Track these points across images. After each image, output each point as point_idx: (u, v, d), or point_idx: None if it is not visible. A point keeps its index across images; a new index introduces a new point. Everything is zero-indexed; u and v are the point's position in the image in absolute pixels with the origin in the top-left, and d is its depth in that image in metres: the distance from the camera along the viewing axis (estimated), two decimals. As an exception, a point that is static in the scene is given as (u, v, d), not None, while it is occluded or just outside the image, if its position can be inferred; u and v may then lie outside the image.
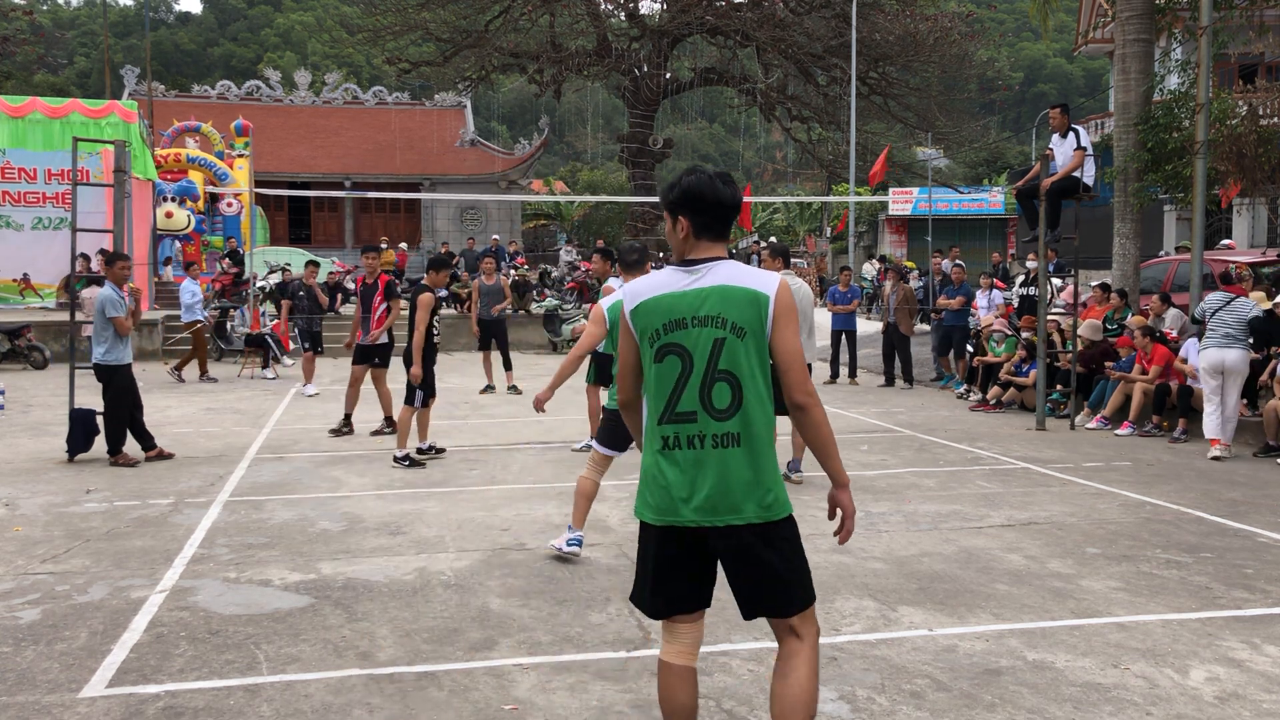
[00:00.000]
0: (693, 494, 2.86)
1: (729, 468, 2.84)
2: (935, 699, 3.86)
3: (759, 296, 2.85)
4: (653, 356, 2.92)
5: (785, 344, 2.86)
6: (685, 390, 2.87)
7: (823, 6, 29.54)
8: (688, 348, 2.86)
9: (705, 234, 2.95)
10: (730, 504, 2.84)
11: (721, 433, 2.84)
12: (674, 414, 2.88)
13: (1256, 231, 23.56)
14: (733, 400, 2.84)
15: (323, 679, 4.07)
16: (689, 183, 2.93)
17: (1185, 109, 12.46)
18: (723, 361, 2.83)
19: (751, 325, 2.84)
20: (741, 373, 2.83)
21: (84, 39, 72.88)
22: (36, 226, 21.65)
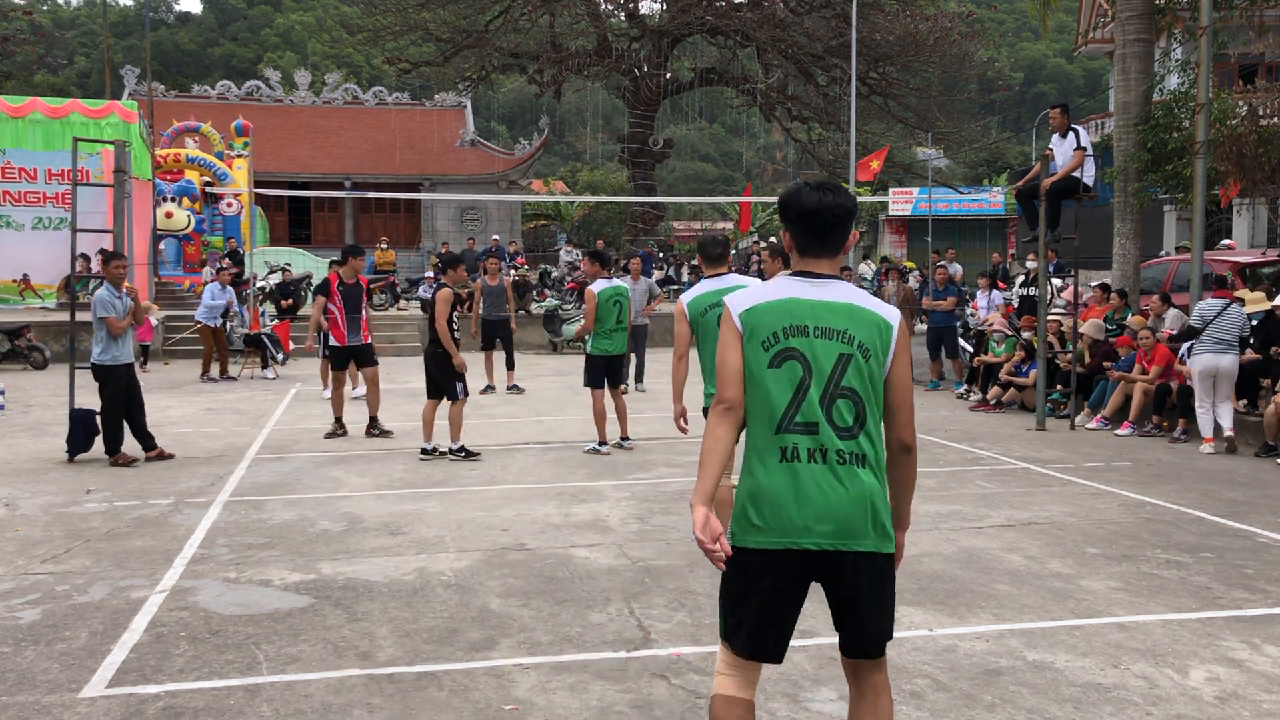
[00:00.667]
0: (822, 514, 2.61)
1: (859, 488, 2.62)
2: (935, 699, 3.86)
3: (883, 323, 2.73)
4: (767, 361, 2.70)
5: (903, 380, 2.75)
6: (805, 400, 2.66)
7: (823, 6, 29.52)
8: (808, 356, 2.67)
9: (812, 248, 2.80)
10: (857, 529, 2.62)
11: (849, 451, 2.63)
12: (793, 424, 2.65)
13: (1256, 231, 23.56)
14: (856, 419, 2.65)
15: (323, 679, 4.07)
16: (789, 194, 2.82)
17: (1185, 109, 12.47)
18: (846, 379, 2.66)
19: (876, 350, 2.69)
20: (864, 394, 2.67)
21: (84, 39, 72.87)
22: (37, 226, 21.64)
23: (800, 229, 2.80)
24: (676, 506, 7.11)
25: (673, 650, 4.36)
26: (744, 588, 2.68)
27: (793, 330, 2.69)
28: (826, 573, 2.65)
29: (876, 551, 2.65)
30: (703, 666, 4.18)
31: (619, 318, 9.38)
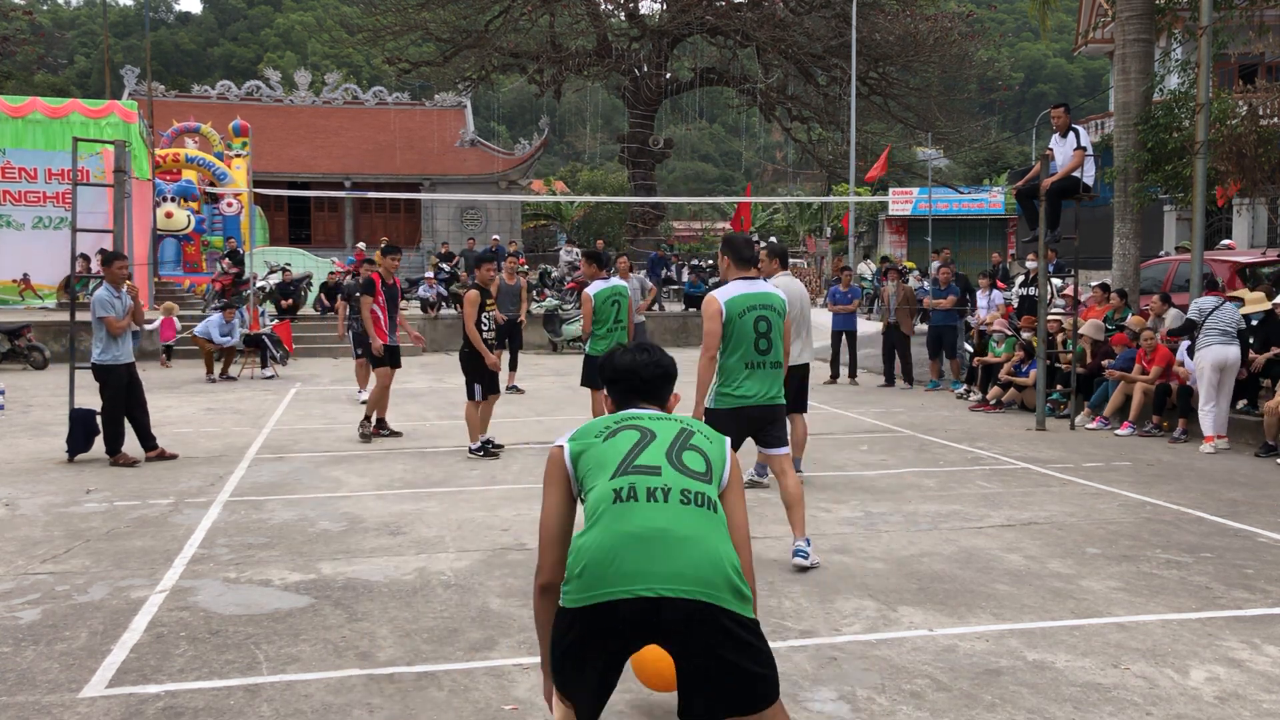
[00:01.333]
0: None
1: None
2: (935, 699, 3.86)
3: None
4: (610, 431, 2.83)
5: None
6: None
7: (823, 6, 29.53)
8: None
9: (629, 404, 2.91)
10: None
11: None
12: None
13: (1256, 231, 23.57)
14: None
15: (323, 679, 4.07)
16: (604, 359, 3.00)
17: (1185, 109, 12.47)
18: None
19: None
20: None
21: (84, 39, 72.88)
22: (37, 226, 21.67)
23: (618, 390, 2.93)
24: (676, 506, 7.10)
25: (673, 650, 4.35)
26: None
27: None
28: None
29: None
30: (703, 666, 4.18)
31: (618, 317, 9.37)
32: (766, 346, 5.51)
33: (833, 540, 6.19)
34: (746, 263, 5.65)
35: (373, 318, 9.90)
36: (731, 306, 5.50)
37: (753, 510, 6.96)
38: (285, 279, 21.32)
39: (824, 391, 13.99)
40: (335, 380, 15.50)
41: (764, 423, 5.62)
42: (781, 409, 5.67)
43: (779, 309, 5.57)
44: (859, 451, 9.41)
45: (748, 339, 5.50)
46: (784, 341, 5.68)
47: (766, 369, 5.54)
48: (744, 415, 5.54)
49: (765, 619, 4.72)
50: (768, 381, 5.55)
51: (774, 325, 5.53)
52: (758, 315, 5.49)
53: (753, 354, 5.50)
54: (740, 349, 5.50)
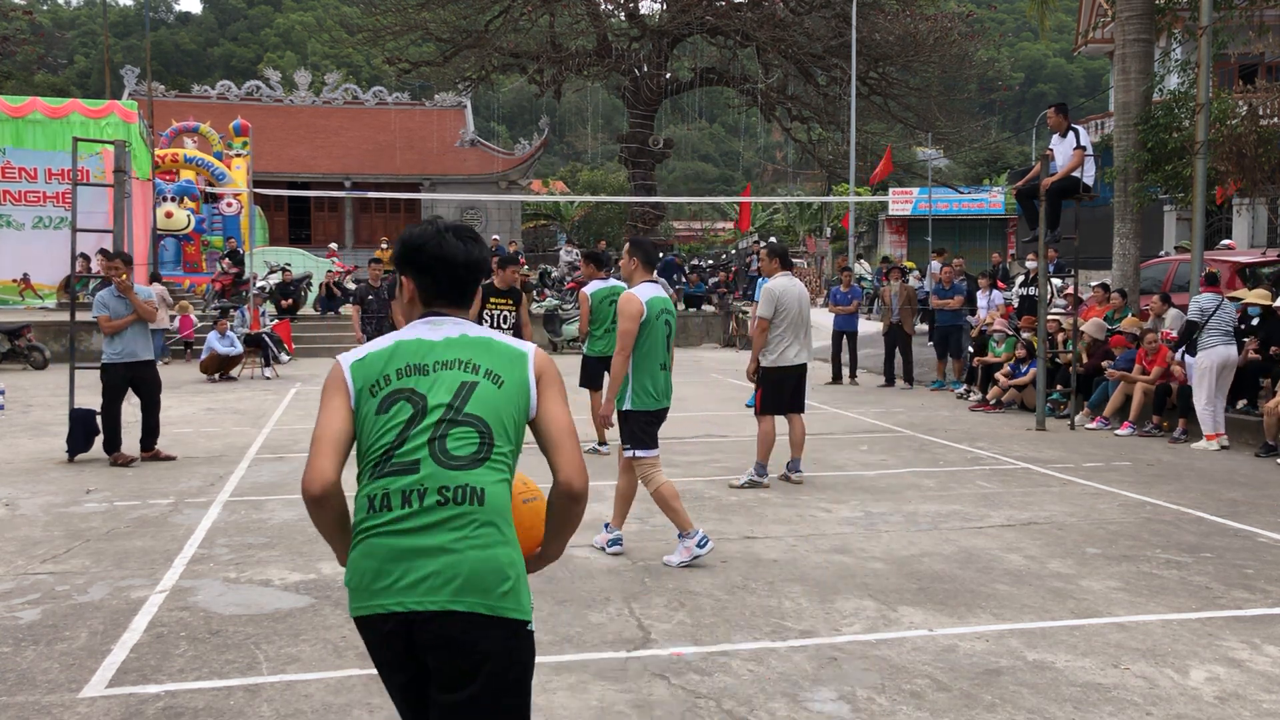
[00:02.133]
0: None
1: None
2: (935, 699, 3.86)
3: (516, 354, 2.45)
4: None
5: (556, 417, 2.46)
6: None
7: (823, 6, 29.52)
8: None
9: (440, 301, 2.47)
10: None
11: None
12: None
13: (1256, 231, 23.56)
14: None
15: (323, 679, 4.06)
16: (417, 237, 2.46)
17: (1185, 109, 12.47)
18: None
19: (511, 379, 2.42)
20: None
21: (84, 39, 72.88)
22: (37, 226, 21.67)
23: (424, 284, 2.47)
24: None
25: (673, 650, 4.36)
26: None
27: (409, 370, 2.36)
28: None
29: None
30: (703, 666, 4.18)
31: (614, 318, 9.38)
32: (669, 348, 5.74)
33: (833, 540, 6.19)
34: (653, 265, 5.86)
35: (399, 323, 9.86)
36: (650, 308, 5.63)
37: (752, 510, 6.96)
38: (285, 279, 21.33)
39: (824, 391, 13.99)
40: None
41: (660, 423, 5.84)
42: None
43: (674, 312, 5.85)
44: (859, 451, 9.41)
45: (660, 340, 5.65)
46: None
47: (669, 370, 5.77)
48: (660, 416, 5.74)
49: (765, 619, 4.73)
50: (670, 383, 5.80)
51: (673, 329, 5.79)
52: (666, 318, 5.71)
53: (664, 355, 5.69)
54: (655, 350, 5.64)
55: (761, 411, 7.86)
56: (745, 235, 36.15)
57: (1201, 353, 9.55)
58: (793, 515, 6.85)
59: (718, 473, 8.32)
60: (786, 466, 8.00)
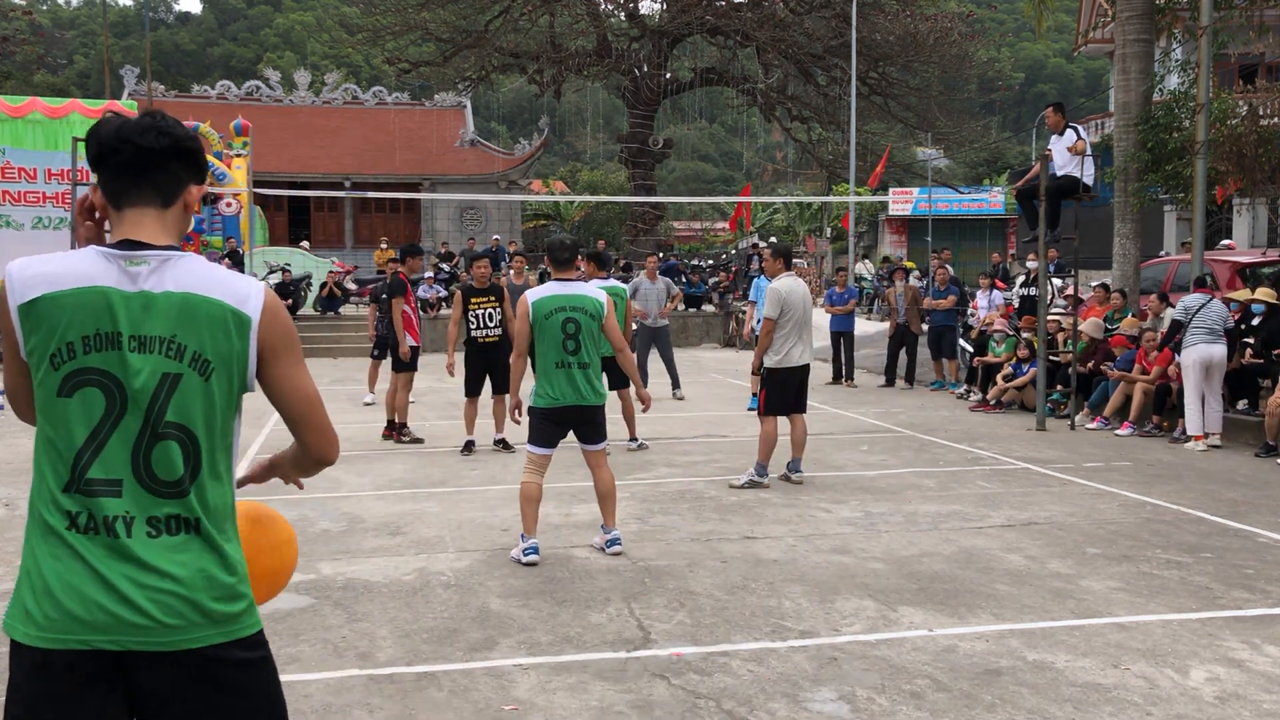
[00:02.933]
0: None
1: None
2: (935, 699, 3.86)
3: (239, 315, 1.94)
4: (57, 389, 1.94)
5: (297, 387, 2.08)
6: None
7: (823, 6, 29.50)
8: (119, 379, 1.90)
9: (129, 195, 1.94)
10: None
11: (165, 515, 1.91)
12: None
13: (1256, 231, 23.57)
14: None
15: (323, 679, 4.06)
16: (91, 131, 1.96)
17: (1185, 109, 12.47)
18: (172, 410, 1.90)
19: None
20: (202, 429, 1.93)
21: (84, 39, 72.89)
22: (37, 226, 21.61)
23: (106, 178, 1.94)
24: (676, 507, 7.11)
25: (673, 650, 4.36)
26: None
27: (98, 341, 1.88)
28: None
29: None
30: (703, 667, 4.18)
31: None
32: (575, 347, 5.67)
33: (833, 540, 6.19)
34: (562, 265, 5.88)
35: (405, 319, 9.86)
36: (538, 307, 5.68)
37: (752, 510, 6.97)
38: (285, 279, 21.32)
39: (824, 391, 13.99)
40: (335, 380, 15.50)
41: (578, 421, 5.79)
42: (597, 408, 5.80)
43: (592, 311, 5.71)
44: (859, 451, 9.41)
45: (556, 339, 5.65)
46: (614, 340, 5.92)
47: (575, 369, 5.67)
48: (558, 414, 5.72)
49: (765, 619, 4.73)
50: (578, 381, 5.68)
51: (583, 326, 5.68)
52: (566, 316, 5.65)
53: (561, 354, 5.65)
54: (550, 349, 5.66)
55: (765, 412, 7.87)
56: (745, 235, 36.16)
57: (1184, 351, 9.58)
58: (793, 515, 6.85)
59: (718, 473, 8.32)
60: (787, 466, 8.00)
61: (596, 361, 5.78)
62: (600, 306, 5.75)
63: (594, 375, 5.76)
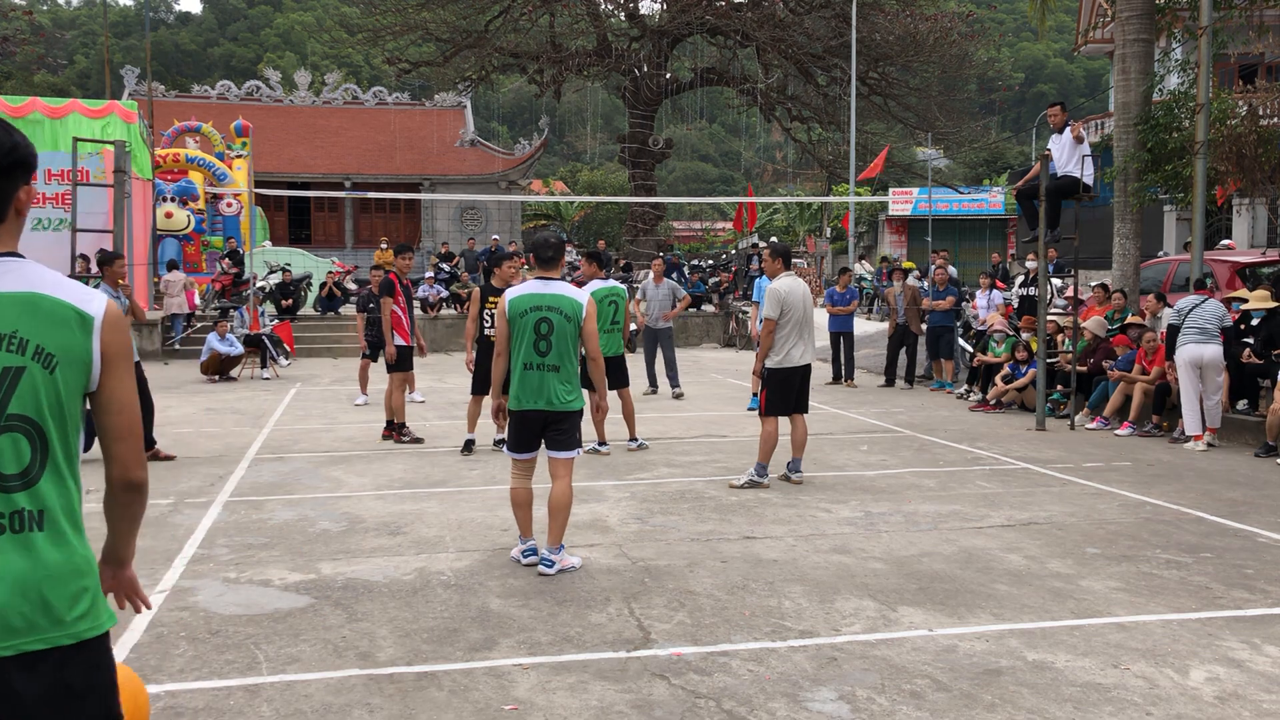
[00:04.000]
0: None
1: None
2: (935, 699, 3.86)
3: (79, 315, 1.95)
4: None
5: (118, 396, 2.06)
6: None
7: (823, 6, 29.51)
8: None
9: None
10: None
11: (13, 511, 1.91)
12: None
13: (1256, 231, 23.57)
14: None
15: (323, 679, 4.07)
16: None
17: (1185, 109, 12.47)
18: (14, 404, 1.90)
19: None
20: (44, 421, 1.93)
21: (84, 39, 72.90)
22: (36, 228, 21.56)
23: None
24: (676, 506, 7.11)
25: (673, 650, 4.36)
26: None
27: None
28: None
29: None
30: (703, 666, 4.18)
31: (614, 318, 9.39)
32: (546, 349, 5.43)
33: (833, 540, 6.19)
34: (544, 264, 5.64)
35: (394, 319, 9.84)
36: (514, 305, 5.49)
37: (752, 510, 6.97)
38: (285, 279, 21.33)
39: (824, 391, 13.99)
40: (335, 380, 15.51)
41: (546, 425, 5.55)
42: (566, 414, 5.51)
43: (568, 312, 5.45)
44: (859, 451, 9.41)
45: (528, 339, 5.45)
46: (590, 346, 5.60)
47: (544, 371, 5.44)
48: (526, 418, 5.54)
49: (765, 619, 4.73)
50: (546, 384, 5.45)
51: (557, 327, 5.43)
52: (540, 316, 5.43)
53: (532, 354, 5.44)
54: (521, 349, 5.47)
55: (766, 413, 7.86)
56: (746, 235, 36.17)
57: (1176, 351, 9.62)
58: (793, 515, 6.85)
59: (718, 473, 8.32)
60: (787, 466, 8.00)
61: (571, 366, 5.49)
62: (579, 309, 5.47)
63: (564, 380, 5.46)
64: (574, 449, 5.61)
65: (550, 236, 5.72)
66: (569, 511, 5.60)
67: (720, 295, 24.60)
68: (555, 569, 5.49)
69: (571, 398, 5.52)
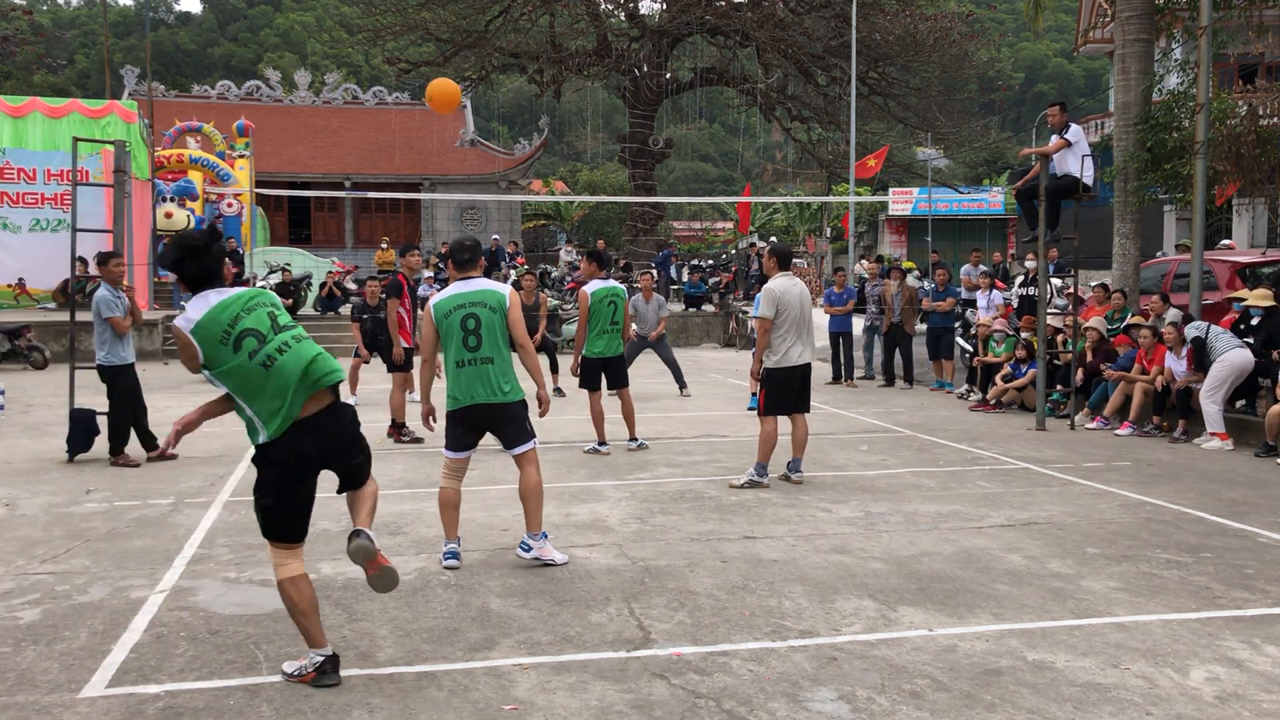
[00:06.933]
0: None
1: None
2: (935, 699, 3.86)
3: None
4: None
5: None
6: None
7: (823, 6, 29.49)
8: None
9: None
10: None
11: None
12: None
13: (1256, 231, 23.58)
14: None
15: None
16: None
17: (1185, 109, 12.47)
18: None
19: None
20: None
21: (84, 39, 72.88)
22: (35, 228, 21.59)
23: None
24: (676, 506, 7.11)
25: (673, 650, 4.36)
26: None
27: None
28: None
29: None
30: (703, 666, 4.18)
31: (613, 318, 9.38)
32: (475, 343, 5.47)
33: (833, 540, 6.19)
34: (461, 265, 5.67)
35: (399, 320, 9.84)
36: (439, 308, 5.55)
37: (752, 510, 6.97)
38: (285, 279, 21.32)
39: (824, 391, 13.99)
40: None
41: (492, 421, 5.58)
42: (508, 406, 5.54)
43: (493, 305, 5.50)
44: (859, 451, 9.41)
45: (455, 336, 5.49)
46: (517, 334, 5.58)
47: (477, 365, 5.47)
48: (466, 415, 5.55)
49: (765, 619, 4.73)
50: (482, 379, 5.48)
51: (484, 321, 5.46)
52: (466, 313, 5.48)
53: (462, 351, 5.47)
54: (450, 347, 5.51)
55: (765, 412, 7.87)
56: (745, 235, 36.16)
57: (1228, 353, 9.62)
58: (793, 515, 6.85)
59: (718, 473, 8.32)
60: (787, 466, 8.00)
61: (503, 357, 5.52)
62: (503, 300, 5.51)
63: (499, 371, 5.48)
64: (529, 440, 5.65)
65: (466, 239, 5.72)
66: (541, 496, 5.68)
67: (720, 295, 24.61)
68: (531, 554, 5.57)
69: (510, 388, 5.55)
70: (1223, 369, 9.65)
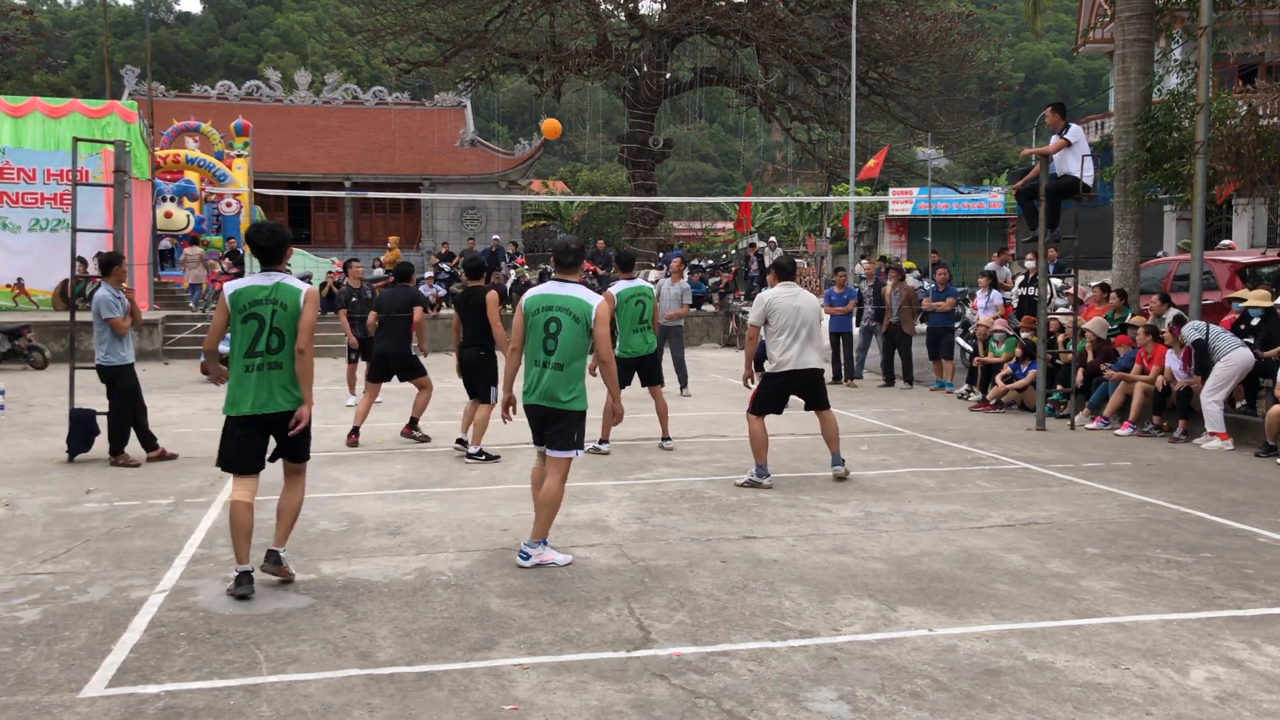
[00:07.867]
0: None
1: None
2: (935, 699, 3.86)
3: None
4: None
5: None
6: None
7: (823, 6, 29.48)
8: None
9: None
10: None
11: None
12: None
13: (1256, 231, 23.58)
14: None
15: (323, 679, 4.07)
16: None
17: (1185, 109, 12.47)
18: None
19: None
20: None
21: (84, 39, 72.86)
22: (34, 229, 21.58)
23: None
24: (676, 506, 7.11)
25: (673, 650, 4.36)
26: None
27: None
28: None
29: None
30: (703, 666, 4.18)
31: (642, 317, 9.44)
32: (553, 346, 5.60)
33: (833, 540, 6.19)
34: (563, 268, 5.86)
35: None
36: (529, 304, 5.72)
37: (751, 510, 6.97)
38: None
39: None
40: (335, 380, 15.50)
41: (545, 421, 5.71)
42: (563, 414, 5.62)
43: (577, 313, 5.60)
44: (859, 451, 9.40)
45: (537, 336, 5.64)
46: (601, 350, 5.66)
47: (549, 369, 5.61)
48: (531, 411, 5.73)
49: (765, 619, 4.74)
50: (548, 380, 5.61)
51: (565, 327, 5.58)
52: (550, 316, 5.61)
53: (539, 352, 5.63)
54: (530, 345, 5.68)
55: (751, 410, 7.95)
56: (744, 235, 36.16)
57: (1232, 352, 9.63)
58: (793, 515, 6.85)
59: (718, 473, 8.32)
60: (830, 465, 8.10)
61: (574, 366, 5.60)
62: (589, 312, 5.59)
63: (567, 379, 5.58)
64: (570, 450, 5.68)
65: (571, 241, 5.90)
66: (555, 509, 5.69)
67: (720, 295, 24.60)
68: (531, 563, 5.59)
69: (570, 397, 5.63)
70: (1227, 369, 9.64)
